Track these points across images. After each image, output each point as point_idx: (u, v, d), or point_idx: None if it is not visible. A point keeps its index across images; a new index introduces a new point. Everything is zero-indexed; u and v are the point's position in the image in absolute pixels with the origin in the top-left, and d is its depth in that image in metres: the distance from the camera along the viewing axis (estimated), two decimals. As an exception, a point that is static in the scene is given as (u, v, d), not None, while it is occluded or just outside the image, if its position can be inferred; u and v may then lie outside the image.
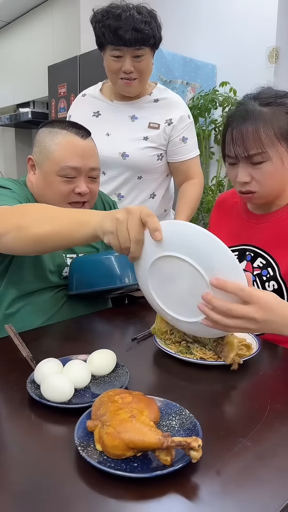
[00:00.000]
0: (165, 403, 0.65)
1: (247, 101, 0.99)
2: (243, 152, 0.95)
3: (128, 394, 0.61)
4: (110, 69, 1.53)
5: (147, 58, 1.50)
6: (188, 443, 0.51)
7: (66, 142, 1.09)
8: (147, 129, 1.59)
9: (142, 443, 0.52)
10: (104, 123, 1.62)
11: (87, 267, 1.15)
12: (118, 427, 0.54)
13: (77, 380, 0.72)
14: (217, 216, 1.25)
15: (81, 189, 1.10)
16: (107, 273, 1.11)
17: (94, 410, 0.60)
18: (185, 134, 1.64)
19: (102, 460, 0.53)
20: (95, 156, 1.15)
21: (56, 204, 1.08)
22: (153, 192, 1.66)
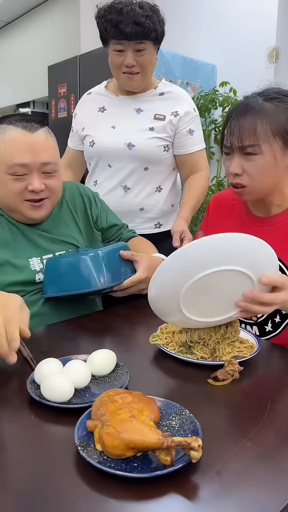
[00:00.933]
0: (165, 403, 0.65)
1: (251, 96, 1.01)
2: (238, 143, 0.96)
3: (128, 394, 0.61)
4: (113, 64, 1.54)
5: (149, 53, 1.50)
6: (188, 443, 0.52)
7: (11, 138, 1.04)
8: (153, 120, 1.59)
9: (142, 443, 0.53)
10: (110, 117, 1.62)
11: (60, 269, 1.10)
12: (118, 427, 0.54)
13: (77, 380, 0.72)
14: (216, 215, 1.23)
15: (33, 186, 1.05)
16: (81, 276, 1.07)
17: (94, 410, 0.60)
18: (191, 126, 1.64)
19: (102, 460, 0.53)
20: (49, 149, 1.09)
21: (10, 202, 1.08)
22: (160, 185, 1.65)
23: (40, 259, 1.13)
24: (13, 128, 1.05)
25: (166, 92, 1.64)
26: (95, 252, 1.09)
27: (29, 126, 1.06)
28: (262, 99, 0.98)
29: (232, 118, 0.99)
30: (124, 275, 1.13)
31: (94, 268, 1.07)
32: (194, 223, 2.78)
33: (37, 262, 1.13)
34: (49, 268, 1.11)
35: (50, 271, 1.10)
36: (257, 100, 0.98)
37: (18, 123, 1.06)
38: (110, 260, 1.11)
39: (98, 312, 1.16)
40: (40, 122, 1.09)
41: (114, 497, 0.50)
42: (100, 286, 1.06)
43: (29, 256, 1.12)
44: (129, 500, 0.50)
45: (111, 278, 1.09)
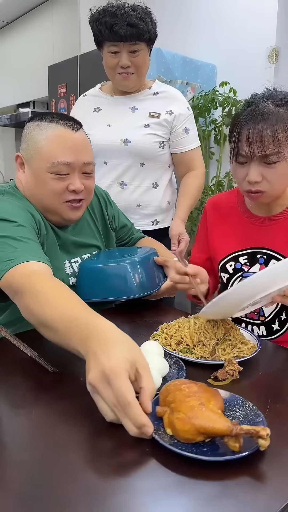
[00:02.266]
0: (228, 395, 0.67)
1: (259, 101, 0.98)
2: (260, 151, 0.94)
3: (193, 384, 0.63)
4: (108, 65, 1.57)
5: (143, 54, 1.54)
6: (257, 431, 0.54)
7: (56, 136, 1.01)
8: (148, 117, 1.62)
9: (212, 429, 0.55)
10: (105, 116, 1.65)
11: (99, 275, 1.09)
12: (189, 413, 0.57)
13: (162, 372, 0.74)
14: (214, 219, 1.22)
15: (75, 186, 1.02)
16: (121, 283, 1.07)
17: (162, 398, 0.63)
18: (187, 125, 1.67)
19: (173, 443, 0.56)
20: (89, 149, 1.08)
21: (49, 202, 1.04)
22: (156, 181, 1.67)
23: (69, 262, 1.13)
24: (56, 126, 1.02)
25: (161, 92, 1.67)
26: (133, 259, 1.10)
27: (71, 125, 1.04)
28: (273, 104, 0.96)
29: (247, 125, 0.96)
30: (160, 281, 1.15)
31: (134, 275, 1.07)
32: (194, 223, 2.78)
33: (68, 265, 1.13)
34: (85, 273, 1.10)
35: (86, 276, 1.10)
36: (269, 106, 0.96)
37: (60, 121, 1.03)
38: (147, 266, 1.12)
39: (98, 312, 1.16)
40: (77, 121, 1.07)
41: (113, 497, 0.50)
42: (141, 293, 1.07)
43: (64, 259, 1.12)
44: (128, 500, 0.50)
45: (150, 285, 1.11)
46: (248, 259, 1.10)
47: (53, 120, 1.03)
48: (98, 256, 1.18)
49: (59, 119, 1.04)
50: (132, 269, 1.07)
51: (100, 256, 1.18)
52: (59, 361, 0.81)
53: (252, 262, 1.09)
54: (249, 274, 1.09)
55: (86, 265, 1.11)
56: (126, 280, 1.07)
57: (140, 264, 1.09)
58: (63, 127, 1.02)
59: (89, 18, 1.54)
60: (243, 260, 1.11)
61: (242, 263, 1.11)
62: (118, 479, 0.52)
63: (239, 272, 1.11)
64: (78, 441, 0.59)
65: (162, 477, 0.53)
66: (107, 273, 1.09)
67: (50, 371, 0.78)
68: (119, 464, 0.55)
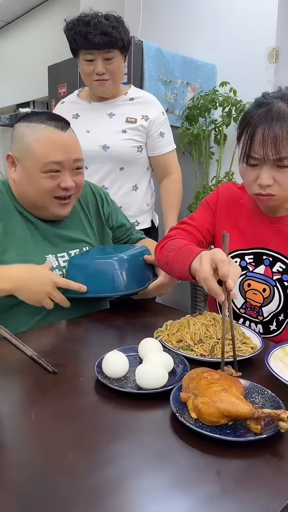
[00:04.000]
0: (248, 384, 0.71)
1: (272, 101, 0.94)
2: (274, 154, 0.91)
3: (214, 372, 0.68)
4: (84, 73, 1.64)
5: (118, 61, 1.60)
6: (277, 414, 0.57)
7: (46, 137, 1.06)
8: (125, 123, 1.68)
9: (236, 412, 0.59)
10: (84, 122, 1.70)
11: (86, 271, 1.08)
12: (213, 397, 0.61)
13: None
14: (223, 208, 1.17)
15: (66, 184, 1.08)
16: (108, 280, 1.06)
17: (185, 385, 0.67)
18: (162, 129, 1.74)
19: (198, 426, 0.60)
20: (78, 146, 1.13)
21: (40, 199, 1.10)
22: (135, 184, 1.74)
23: (55, 257, 1.15)
24: (46, 127, 1.06)
25: (136, 97, 1.73)
26: (120, 256, 1.08)
27: (60, 125, 1.08)
28: (286, 105, 0.92)
29: (261, 126, 0.91)
30: (148, 280, 1.14)
31: (121, 273, 1.06)
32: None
33: (52, 259, 1.14)
34: (72, 269, 1.10)
35: (73, 272, 1.09)
36: (284, 107, 0.92)
37: (49, 122, 1.07)
38: (135, 264, 1.11)
39: (98, 312, 1.16)
40: (66, 121, 1.11)
41: (113, 497, 0.50)
42: (127, 291, 1.06)
43: (46, 253, 1.14)
44: (128, 500, 0.50)
45: (137, 283, 1.10)
46: (253, 259, 1.09)
47: (43, 121, 1.07)
48: (87, 252, 1.18)
49: (48, 119, 1.07)
50: (119, 267, 1.06)
51: (90, 253, 1.18)
52: (59, 361, 0.81)
53: (257, 263, 1.08)
54: (253, 274, 1.08)
55: (72, 261, 1.11)
56: (111, 277, 1.06)
57: (127, 261, 1.08)
58: (52, 128, 1.06)
59: (64, 27, 1.60)
60: (249, 259, 1.09)
61: (248, 261, 1.10)
62: (118, 479, 0.52)
63: (243, 270, 1.10)
64: (78, 441, 0.60)
65: (162, 477, 0.53)
66: (92, 269, 1.08)
67: (50, 371, 0.78)
68: (119, 464, 0.55)
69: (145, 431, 0.62)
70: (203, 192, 2.70)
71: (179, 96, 2.60)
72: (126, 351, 0.81)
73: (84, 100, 1.76)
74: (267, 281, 1.06)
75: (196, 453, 0.57)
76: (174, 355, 0.80)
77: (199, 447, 0.58)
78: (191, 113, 2.58)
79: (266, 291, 1.07)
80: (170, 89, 2.53)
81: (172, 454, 0.57)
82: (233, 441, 0.58)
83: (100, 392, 0.71)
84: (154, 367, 0.72)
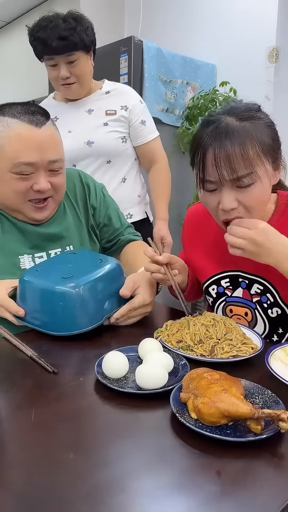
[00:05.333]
0: (248, 383, 0.70)
1: (219, 117, 0.86)
2: (231, 174, 0.82)
3: (215, 372, 0.68)
4: (50, 77, 1.64)
5: (82, 62, 1.57)
6: (277, 414, 0.57)
7: (17, 134, 0.94)
8: (105, 116, 1.67)
9: (236, 412, 0.59)
10: (64, 124, 1.69)
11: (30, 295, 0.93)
12: (213, 397, 0.61)
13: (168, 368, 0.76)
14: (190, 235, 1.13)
15: (40, 186, 0.97)
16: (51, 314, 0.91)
17: (185, 385, 0.67)
18: (142, 117, 1.73)
19: (198, 426, 0.60)
20: (56, 145, 1.01)
21: (12, 202, 1.00)
22: (124, 176, 1.73)
23: (32, 257, 1.06)
24: (18, 122, 0.95)
25: (111, 90, 1.72)
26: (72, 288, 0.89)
27: (35, 120, 0.96)
28: (235, 119, 0.85)
29: (211, 146, 0.84)
30: (109, 311, 0.96)
31: (67, 309, 0.90)
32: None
33: (28, 260, 1.05)
34: (22, 285, 0.95)
35: (22, 289, 0.95)
36: (232, 121, 0.84)
37: (23, 117, 0.96)
38: (92, 295, 0.92)
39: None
40: (44, 113, 1.00)
41: (113, 497, 0.50)
42: (71, 331, 0.90)
43: (20, 253, 1.05)
44: (128, 500, 0.50)
45: (89, 320, 0.92)
46: (230, 282, 1.04)
47: (15, 115, 0.96)
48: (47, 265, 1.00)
49: (23, 113, 0.96)
50: (68, 300, 0.89)
51: (48, 266, 1.00)
52: (59, 361, 0.81)
53: (234, 286, 1.03)
54: (232, 299, 1.04)
55: (24, 275, 0.95)
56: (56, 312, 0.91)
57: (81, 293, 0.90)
58: (26, 124, 0.95)
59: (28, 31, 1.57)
60: (225, 283, 1.05)
61: (225, 286, 1.05)
62: (118, 479, 0.52)
63: (222, 296, 1.06)
64: (78, 441, 0.59)
65: (162, 477, 0.53)
66: (37, 296, 0.92)
67: (50, 371, 0.78)
68: (119, 464, 0.55)
69: (145, 431, 0.62)
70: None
71: (179, 96, 2.60)
72: (126, 351, 0.81)
73: (60, 102, 1.75)
74: (247, 304, 1.02)
75: (196, 453, 0.57)
76: (174, 355, 0.80)
77: (199, 447, 0.58)
78: (191, 113, 2.58)
79: (248, 315, 1.03)
80: (170, 89, 2.53)
81: (172, 454, 0.57)
82: (233, 441, 0.58)
83: (100, 392, 0.71)
84: (154, 367, 0.72)
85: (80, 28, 1.51)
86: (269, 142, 0.86)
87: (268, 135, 0.87)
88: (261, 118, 0.88)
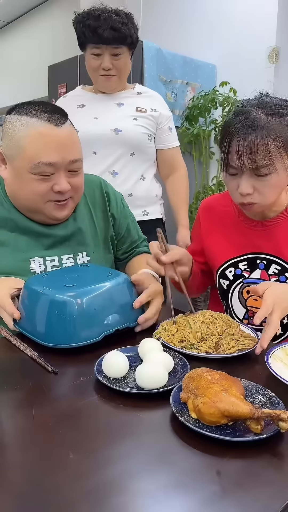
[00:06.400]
0: (248, 383, 0.70)
1: (250, 109, 0.93)
2: (251, 164, 0.91)
3: (215, 372, 0.68)
4: (90, 67, 1.63)
5: (125, 57, 1.60)
6: (277, 414, 0.57)
7: (38, 133, 0.92)
8: (135, 112, 1.68)
9: (236, 412, 0.59)
10: (91, 111, 1.68)
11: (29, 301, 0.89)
12: (213, 397, 0.61)
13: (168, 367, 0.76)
14: (208, 223, 1.18)
15: (61, 187, 0.96)
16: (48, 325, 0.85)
17: (185, 385, 0.67)
18: (170, 124, 1.77)
19: (198, 426, 0.60)
20: (76, 145, 0.99)
21: (32, 203, 0.99)
22: (143, 173, 1.73)
23: (43, 260, 1.04)
24: (38, 121, 0.92)
25: (143, 92, 1.75)
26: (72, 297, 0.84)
27: (55, 119, 0.94)
28: (263, 113, 0.92)
29: (238, 135, 0.91)
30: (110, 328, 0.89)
31: (63, 319, 0.84)
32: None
33: (39, 263, 1.03)
34: (24, 290, 0.91)
35: (22, 296, 0.92)
36: (260, 115, 0.91)
37: (42, 115, 0.93)
38: (92, 308, 0.86)
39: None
40: (63, 112, 0.98)
41: (113, 497, 0.50)
42: (64, 343, 0.84)
43: (31, 256, 1.03)
44: (128, 500, 0.50)
45: (85, 335, 0.86)
46: (248, 265, 1.08)
47: (35, 114, 0.94)
48: (49, 273, 0.97)
49: (42, 112, 0.94)
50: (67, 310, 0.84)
51: (54, 274, 0.96)
52: (59, 361, 0.81)
53: (252, 268, 1.08)
54: (250, 280, 1.07)
55: (28, 281, 0.91)
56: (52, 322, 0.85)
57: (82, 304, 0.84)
58: (46, 123, 0.93)
59: (73, 20, 1.59)
60: (243, 266, 1.09)
61: (242, 269, 1.09)
62: (118, 479, 0.52)
63: (239, 278, 1.10)
64: (78, 441, 0.59)
65: (162, 478, 0.52)
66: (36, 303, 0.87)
67: (50, 371, 0.78)
68: (119, 464, 0.55)
69: (145, 431, 0.62)
70: (203, 192, 2.70)
71: (179, 96, 2.60)
72: (126, 351, 0.81)
73: (89, 92, 1.74)
74: None
75: (196, 453, 0.57)
76: (174, 355, 0.80)
77: (199, 447, 0.58)
78: (191, 113, 2.58)
79: None
80: (170, 89, 2.53)
81: (172, 454, 0.57)
82: (233, 441, 0.58)
83: (100, 392, 0.71)
84: (154, 367, 0.72)
85: (131, 25, 1.56)
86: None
87: None
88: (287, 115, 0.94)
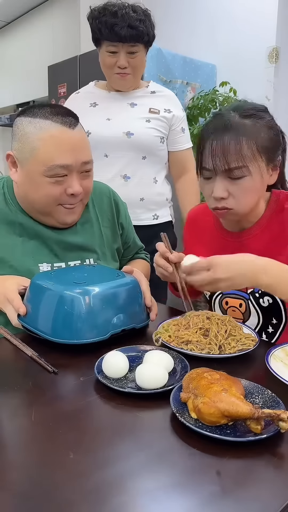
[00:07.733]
0: (248, 383, 0.70)
1: (225, 113, 0.93)
2: (223, 165, 0.89)
3: (215, 372, 0.68)
4: (105, 64, 1.59)
5: (141, 55, 1.57)
6: (277, 414, 0.57)
7: (52, 136, 0.92)
8: (148, 113, 1.65)
9: (236, 412, 0.59)
10: (103, 111, 1.65)
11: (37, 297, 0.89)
12: (213, 397, 0.61)
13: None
14: (190, 235, 1.19)
15: (74, 190, 0.96)
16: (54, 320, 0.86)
17: (185, 385, 0.67)
18: (183, 125, 1.73)
19: (198, 426, 0.60)
20: (87, 146, 1.00)
21: (44, 206, 0.98)
22: (155, 176, 1.71)
23: (51, 266, 1.04)
24: (51, 124, 0.93)
25: (158, 91, 1.71)
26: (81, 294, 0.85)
27: (68, 121, 0.94)
28: (239, 116, 0.91)
29: (210, 137, 0.91)
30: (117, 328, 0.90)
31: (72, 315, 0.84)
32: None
33: (47, 269, 1.03)
34: (31, 287, 0.92)
35: (31, 291, 0.91)
36: (235, 117, 0.90)
37: (55, 118, 0.93)
38: (101, 306, 0.87)
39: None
40: (74, 114, 0.98)
41: (113, 497, 0.50)
42: (71, 339, 0.85)
43: (40, 261, 1.03)
44: (128, 500, 0.50)
45: (93, 332, 0.86)
46: None
47: (48, 116, 0.94)
48: (59, 272, 0.98)
49: (54, 114, 0.94)
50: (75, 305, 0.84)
51: (61, 272, 0.98)
52: (59, 361, 0.81)
53: None
54: (229, 292, 1.06)
55: (35, 277, 0.92)
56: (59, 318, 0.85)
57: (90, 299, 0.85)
58: (59, 125, 0.93)
59: (88, 14, 1.54)
60: None
61: None
62: (118, 479, 0.52)
63: None
64: (78, 441, 0.59)
65: (162, 478, 0.52)
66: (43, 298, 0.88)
67: (50, 371, 0.78)
68: (119, 464, 0.55)
69: (145, 431, 0.62)
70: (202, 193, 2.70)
71: (179, 96, 2.60)
72: (126, 351, 0.81)
73: (102, 90, 1.70)
74: (241, 296, 1.05)
75: (196, 453, 0.57)
76: (174, 355, 0.80)
77: (199, 447, 0.58)
78: (191, 113, 2.58)
79: (242, 305, 1.06)
80: (170, 89, 2.52)
81: (172, 454, 0.57)
82: (233, 441, 0.58)
83: (100, 392, 0.71)
84: (154, 367, 0.72)
85: (149, 22, 1.53)
86: (267, 142, 0.91)
87: (268, 135, 0.91)
88: (264, 118, 0.92)
